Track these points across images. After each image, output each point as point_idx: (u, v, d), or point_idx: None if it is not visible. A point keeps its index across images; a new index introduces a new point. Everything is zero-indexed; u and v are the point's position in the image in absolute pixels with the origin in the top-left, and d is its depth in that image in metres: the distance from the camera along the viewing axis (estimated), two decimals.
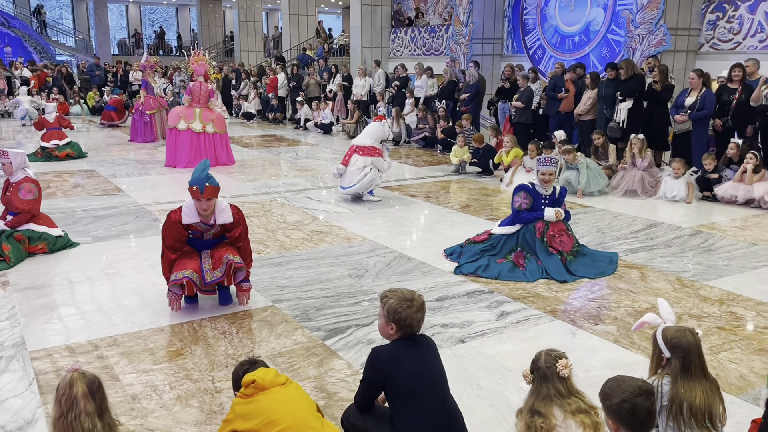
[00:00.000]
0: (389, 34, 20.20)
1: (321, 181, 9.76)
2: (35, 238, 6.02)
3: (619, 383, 2.30)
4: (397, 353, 2.76)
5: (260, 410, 2.47)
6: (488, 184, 9.65)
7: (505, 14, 16.57)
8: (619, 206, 8.17)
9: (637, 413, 2.21)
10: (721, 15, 11.80)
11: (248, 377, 2.57)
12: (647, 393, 2.25)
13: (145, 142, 13.87)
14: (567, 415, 2.66)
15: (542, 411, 2.69)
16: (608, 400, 2.29)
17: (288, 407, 2.50)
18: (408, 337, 2.82)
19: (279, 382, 2.58)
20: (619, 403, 2.23)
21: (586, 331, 4.41)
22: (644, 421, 2.22)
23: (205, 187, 4.39)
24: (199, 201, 4.44)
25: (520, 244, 5.71)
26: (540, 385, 2.75)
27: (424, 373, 2.74)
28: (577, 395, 2.73)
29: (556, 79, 10.95)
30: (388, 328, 2.82)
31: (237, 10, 29.36)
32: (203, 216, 4.53)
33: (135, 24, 38.54)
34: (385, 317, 2.81)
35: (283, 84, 17.66)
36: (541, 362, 2.76)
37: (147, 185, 9.41)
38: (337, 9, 38.15)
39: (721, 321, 4.59)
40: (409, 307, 2.78)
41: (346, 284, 5.26)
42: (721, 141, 8.99)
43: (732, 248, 6.34)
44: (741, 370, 3.86)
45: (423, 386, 2.71)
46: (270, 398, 2.51)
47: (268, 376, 2.57)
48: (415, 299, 2.83)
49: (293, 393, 2.59)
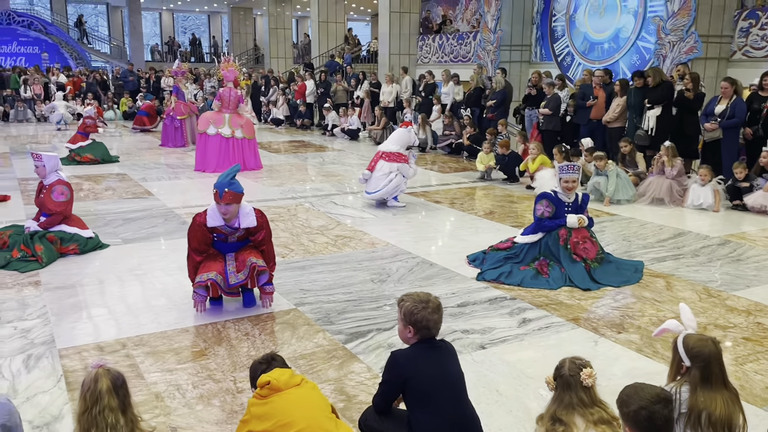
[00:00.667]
0: (417, 41, 20.26)
1: (347, 186, 9.83)
2: (67, 239, 6.17)
3: (636, 390, 2.29)
4: (416, 357, 2.78)
5: (275, 411, 2.51)
6: (513, 191, 9.62)
7: (533, 21, 16.51)
8: (646, 215, 8.08)
9: (654, 421, 2.20)
10: (753, 22, 11.61)
11: (263, 378, 2.61)
12: (665, 401, 2.24)
13: (176, 146, 14.12)
14: (589, 425, 2.63)
15: (564, 419, 2.67)
16: (626, 407, 2.28)
17: (303, 409, 2.53)
18: (426, 340, 2.84)
19: (294, 383, 2.61)
20: (636, 410, 2.22)
21: (608, 340, 4.38)
22: (661, 429, 2.21)
23: (224, 192, 4.47)
24: (219, 205, 4.53)
25: (543, 252, 5.68)
26: (563, 393, 2.72)
27: (442, 376, 2.76)
28: (600, 405, 2.70)
29: (584, 88, 10.87)
30: (406, 332, 2.85)
31: (267, 18, 29.72)
32: (226, 219, 4.61)
33: (168, 31, 39.26)
34: (403, 320, 2.84)
35: (312, 91, 17.83)
36: (565, 370, 2.73)
37: (177, 189, 9.57)
38: (366, 16, 38.39)
39: (747, 332, 4.51)
40: (424, 308, 2.81)
41: (369, 289, 5.30)
42: (752, 150, 8.84)
43: (761, 258, 6.23)
44: (767, 381, 3.80)
45: (441, 390, 2.73)
46: (285, 400, 2.54)
47: (283, 377, 2.61)
48: (431, 301, 2.85)
49: (308, 394, 2.62)
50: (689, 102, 9.26)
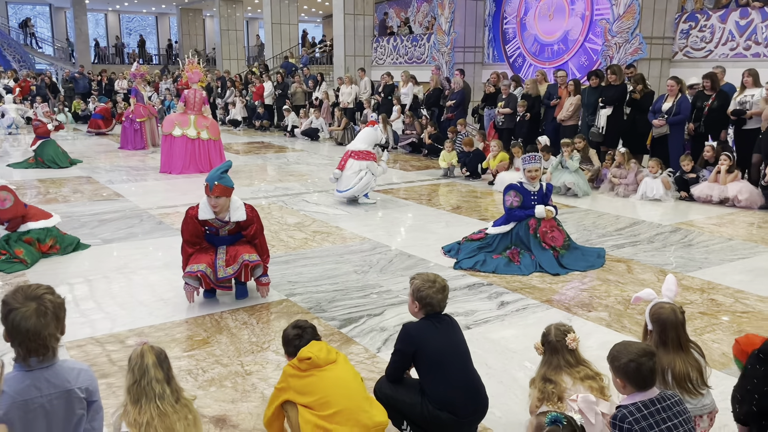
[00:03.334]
0: (372, 42, 20.58)
1: (316, 185, 10.06)
2: (42, 238, 6.18)
3: (625, 346, 2.64)
4: (425, 329, 3.08)
5: (316, 388, 2.76)
6: (477, 187, 10.04)
7: (485, 23, 17.05)
8: (602, 206, 8.60)
9: (641, 371, 2.55)
10: (693, 24, 12.36)
11: (304, 353, 2.84)
12: (650, 354, 2.59)
13: (136, 149, 14.04)
14: (576, 381, 3.01)
15: (553, 379, 3.04)
16: (616, 361, 2.62)
17: (342, 389, 2.80)
18: (432, 315, 3.14)
19: (331, 360, 2.87)
20: (626, 362, 2.56)
21: (580, 317, 4.77)
22: (648, 378, 2.56)
23: (215, 185, 4.67)
24: (209, 198, 4.73)
25: (514, 241, 6.07)
26: (551, 357, 3.10)
27: (450, 346, 3.07)
28: (584, 364, 3.09)
29: (550, 88, 11.40)
30: (414, 307, 3.16)
31: (218, 19, 29.57)
32: (216, 213, 4.81)
33: (114, 32, 38.49)
34: (412, 296, 3.15)
35: (270, 92, 17.94)
36: (551, 336, 3.11)
37: (145, 190, 9.62)
38: (317, 17, 38.50)
39: (703, 307, 4.99)
40: (430, 287, 3.11)
41: (354, 279, 5.58)
42: (696, 144, 9.48)
43: (710, 243, 6.78)
44: (723, 349, 4.26)
45: (449, 358, 3.04)
46: (325, 378, 2.79)
47: (321, 353, 2.85)
48: (438, 281, 3.15)
49: (345, 373, 2.88)
50: (639, 102, 9.86)
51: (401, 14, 22.90)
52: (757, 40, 11.17)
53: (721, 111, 9.07)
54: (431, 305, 3.13)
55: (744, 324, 4.66)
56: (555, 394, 2.99)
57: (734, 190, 8.40)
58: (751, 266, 5.99)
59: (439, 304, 3.15)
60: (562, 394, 2.98)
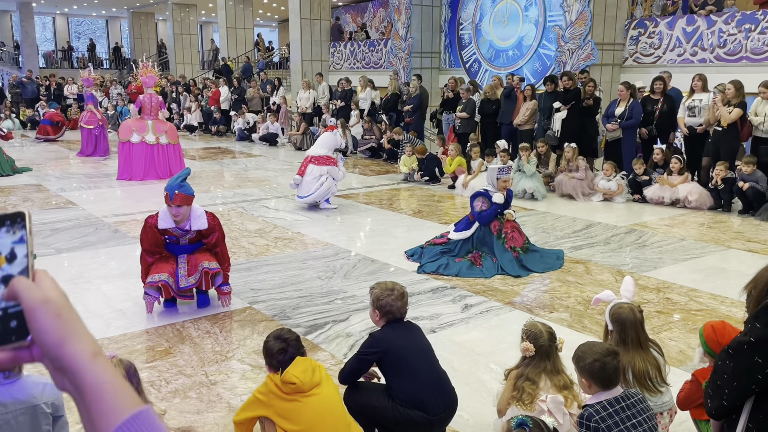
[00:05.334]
0: (328, 47, 20.55)
1: (276, 190, 9.98)
2: None
3: (590, 347, 2.70)
4: (389, 333, 3.12)
5: (300, 417, 2.71)
6: (436, 191, 10.11)
7: (441, 29, 17.21)
8: (559, 208, 8.76)
9: (606, 371, 2.60)
10: (642, 31, 12.72)
11: (288, 377, 2.73)
12: (614, 353, 2.65)
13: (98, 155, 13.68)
14: (554, 389, 3.03)
15: (533, 378, 3.04)
16: (582, 362, 2.67)
17: (326, 420, 2.75)
18: (394, 321, 3.17)
19: (315, 382, 2.79)
20: (591, 362, 2.61)
21: (542, 318, 4.84)
22: (612, 377, 2.61)
23: (175, 194, 4.58)
24: (169, 207, 4.64)
25: (476, 245, 6.14)
26: (540, 361, 3.09)
27: (414, 346, 3.12)
28: (563, 373, 3.10)
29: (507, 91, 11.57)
30: (375, 316, 3.19)
31: (171, 23, 29.09)
32: (177, 222, 4.72)
33: (62, 36, 37.47)
34: (372, 305, 3.18)
35: (226, 97, 17.74)
36: (543, 340, 3.09)
37: (100, 198, 9.39)
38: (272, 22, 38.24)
39: (659, 306, 5.13)
40: (389, 295, 3.14)
41: (318, 285, 5.55)
42: (648, 147, 9.76)
43: (663, 243, 6.98)
44: (680, 346, 4.38)
45: (414, 357, 3.07)
46: (309, 405, 2.73)
47: (306, 376, 2.75)
48: (396, 288, 3.19)
49: (329, 399, 2.81)
50: (589, 106, 10.13)
51: (357, 19, 22.94)
52: (703, 46, 11.57)
53: (671, 114, 9.37)
54: (391, 312, 3.16)
55: (699, 322, 4.80)
56: (531, 395, 3.00)
57: (685, 191, 8.67)
58: (703, 265, 6.19)
59: (399, 310, 3.18)
60: (536, 397, 3.01)
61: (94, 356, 0.74)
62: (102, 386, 0.72)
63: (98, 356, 0.74)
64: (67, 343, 0.73)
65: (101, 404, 0.72)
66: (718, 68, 10.97)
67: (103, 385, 0.73)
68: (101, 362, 0.74)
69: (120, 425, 0.70)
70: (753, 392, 1.84)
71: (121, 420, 0.71)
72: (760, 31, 10.67)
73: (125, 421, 0.70)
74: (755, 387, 1.82)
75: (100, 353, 0.75)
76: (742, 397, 1.86)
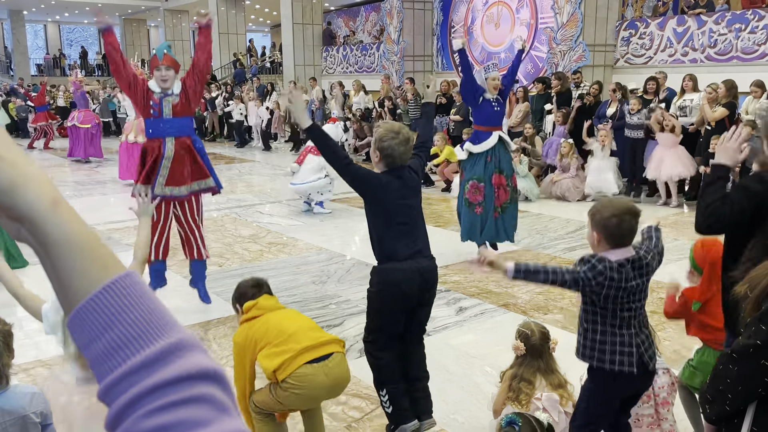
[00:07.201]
0: (321, 52, 20.57)
1: (268, 196, 9.97)
2: None
3: (611, 201, 2.62)
4: (387, 181, 3.01)
5: (270, 324, 2.82)
6: (431, 194, 10.11)
7: (434, 32, 17.25)
8: (552, 210, 8.78)
9: (621, 227, 2.45)
10: (633, 32, 12.78)
11: (249, 304, 2.90)
12: (634, 213, 2.49)
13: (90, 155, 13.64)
14: (549, 387, 3.02)
15: (528, 378, 3.03)
16: (598, 214, 2.50)
17: (294, 318, 2.93)
18: (393, 169, 3.03)
19: (279, 307, 2.98)
20: (608, 216, 2.45)
21: (537, 320, 4.84)
22: (626, 236, 2.47)
23: (164, 54, 4.71)
24: (158, 70, 4.67)
25: (497, 165, 6.21)
26: (532, 360, 3.08)
27: (407, 209, 3.05)
28: (557, 371, 3.10)
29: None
30: (374, 156, 3.07)
31: (163, 29, 29.09)
32: (164, 87, 4.70)
33: (54, 44, 37.42)
34: (374, 143, 3.05)
35: (220, 102, 17.73)
36: (535, 339, 3.08)
37: (92, 207, 9.35)
38: (264, 27, 38.27)
39: (653, 306, 5.12)
40: (393, 138, 2.97)
41: (312, 290, 5.54)
42: None
43: None
44: (674, 347, 4.40)
45: (409, 218, 3.05)
46: (277, 314, 2.89)
47: (268, 302, 2.94)
48: (402, 133, 3.01)
49: (294, 312, 3.04)
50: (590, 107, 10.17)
51: (350, 23, 22.97)
52: (693, 46, 11.62)
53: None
54: (392, 157, 2.99)
55: None
56: (523, 392, 2.99)
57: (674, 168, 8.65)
58: None
59: (401, 156, 3.00)
60: (531, 396, 3.00)
61: (54, 203, 0.60)
62: (70, 240, 0.59)
63: (59, 204, 0.60)
64: (19, 188, 0.59)
65: (71, 262, 0.58)
66: (709, 68, 11.02)
67: (70, 237, 0.59)
68: (63, 210, 0.60)
69: (100, 290, 0.57)
70: (758, 396, 1.81)
71: (100, 285, 0.57)
72: (750, 31, 10.73)
73: (106, 285, 0.57)
74: (761, 390, 1.79)
75: (61, 200, 0.61)
76: (746, 401, 1.82)
